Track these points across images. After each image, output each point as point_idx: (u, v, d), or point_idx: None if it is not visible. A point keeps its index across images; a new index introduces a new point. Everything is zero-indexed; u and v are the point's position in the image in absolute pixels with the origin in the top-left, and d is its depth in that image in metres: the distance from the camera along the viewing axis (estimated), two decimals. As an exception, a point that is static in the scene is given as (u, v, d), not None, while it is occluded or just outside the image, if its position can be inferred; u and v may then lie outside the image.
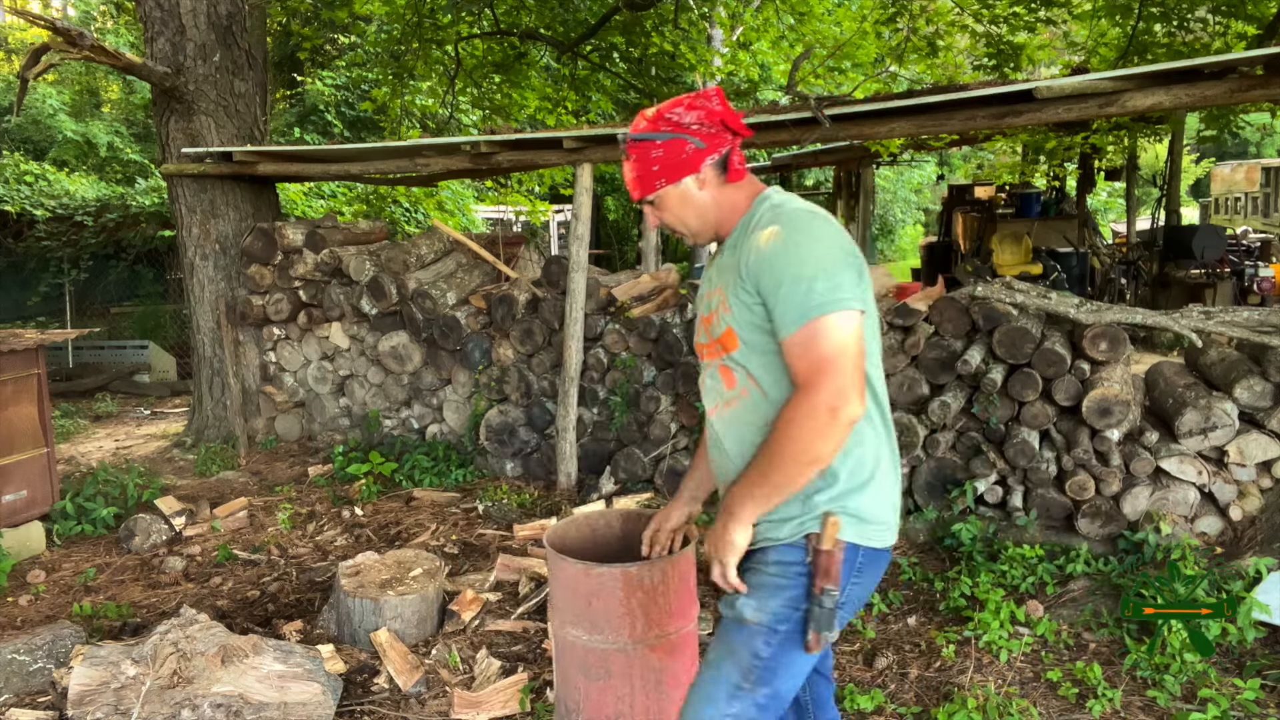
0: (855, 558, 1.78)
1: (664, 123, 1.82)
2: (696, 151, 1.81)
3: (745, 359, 1.81)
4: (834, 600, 1.72)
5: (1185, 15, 7.93)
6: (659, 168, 1.83)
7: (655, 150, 1.82)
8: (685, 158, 1.81)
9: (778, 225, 1.74)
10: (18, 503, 4.70)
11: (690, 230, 1.91)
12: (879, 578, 1.88)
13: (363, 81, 13.30)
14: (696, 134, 1.81)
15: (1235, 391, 4.08)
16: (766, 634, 1.77)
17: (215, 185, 6.47)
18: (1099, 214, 17.45)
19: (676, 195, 1.85)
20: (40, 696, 3.18)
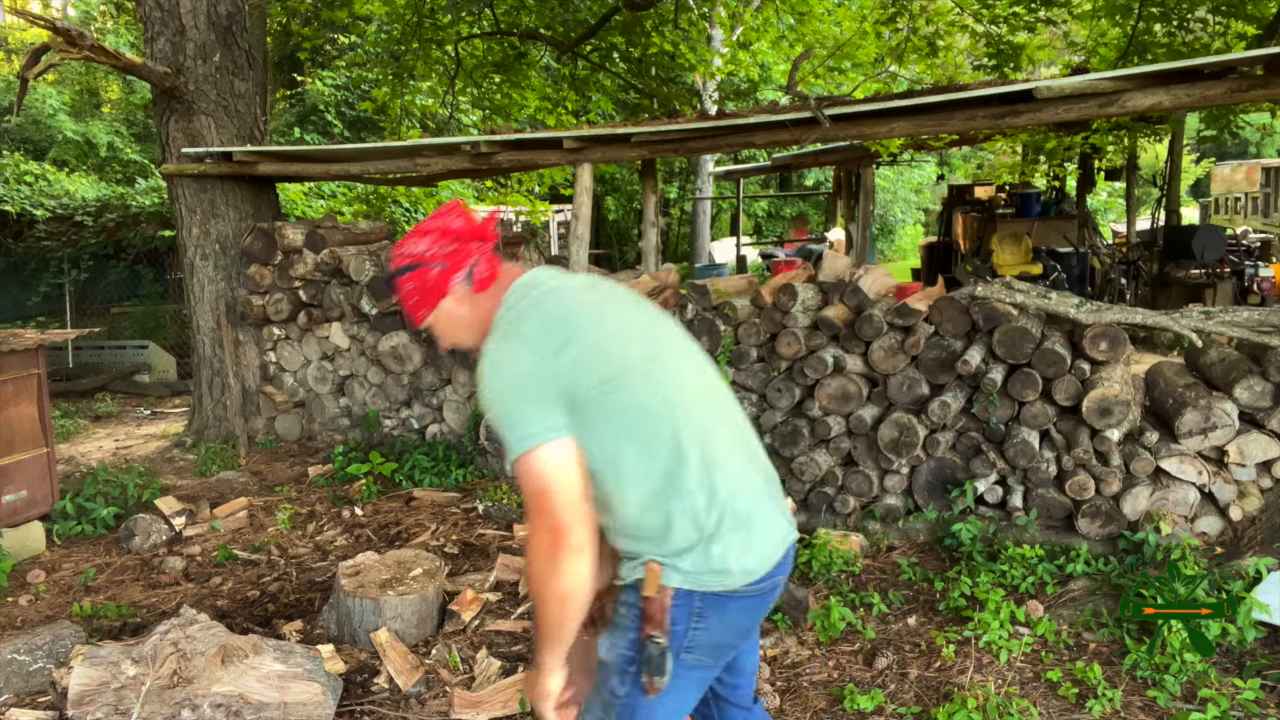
0: (691, 603, 1.75)
1: (406, 257, 1.90)
2: (441, 274, 1.87)
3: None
4: (659, 648, 1.73)
5: (1185, 15, 7.93)
6: (417, 299, 1.90)
7: (408, 284, 1.89)
8: (432, 284, 1.87)
9: (493, 346, 1.78)
10: (18, 503, 4.70)
11: (470, 345, 1.94)
12: (745, 619, 1.83)
13: (363, 81, 13.30)
14: (435, 258, 1.87)
15: (1235, 391, 4.08)
16: (619, 673, 1.81)
17: (215, 185, 6.47)
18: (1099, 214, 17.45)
19: (442, 319, 1.91)
20: (40, 696, 3.18)
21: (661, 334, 1.88)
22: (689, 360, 1.89)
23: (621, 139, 5.18)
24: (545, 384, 1.70)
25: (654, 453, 1.73)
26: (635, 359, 1.76)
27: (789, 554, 1.89)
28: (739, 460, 1.83)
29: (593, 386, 1.71)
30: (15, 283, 10.99)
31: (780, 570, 1.86)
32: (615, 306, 1.86)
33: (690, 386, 1.82)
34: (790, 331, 4.67)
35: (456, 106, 10.86)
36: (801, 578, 4.00)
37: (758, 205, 21.70)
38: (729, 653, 1.89)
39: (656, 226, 6.17)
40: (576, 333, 1.74)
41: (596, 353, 1.73)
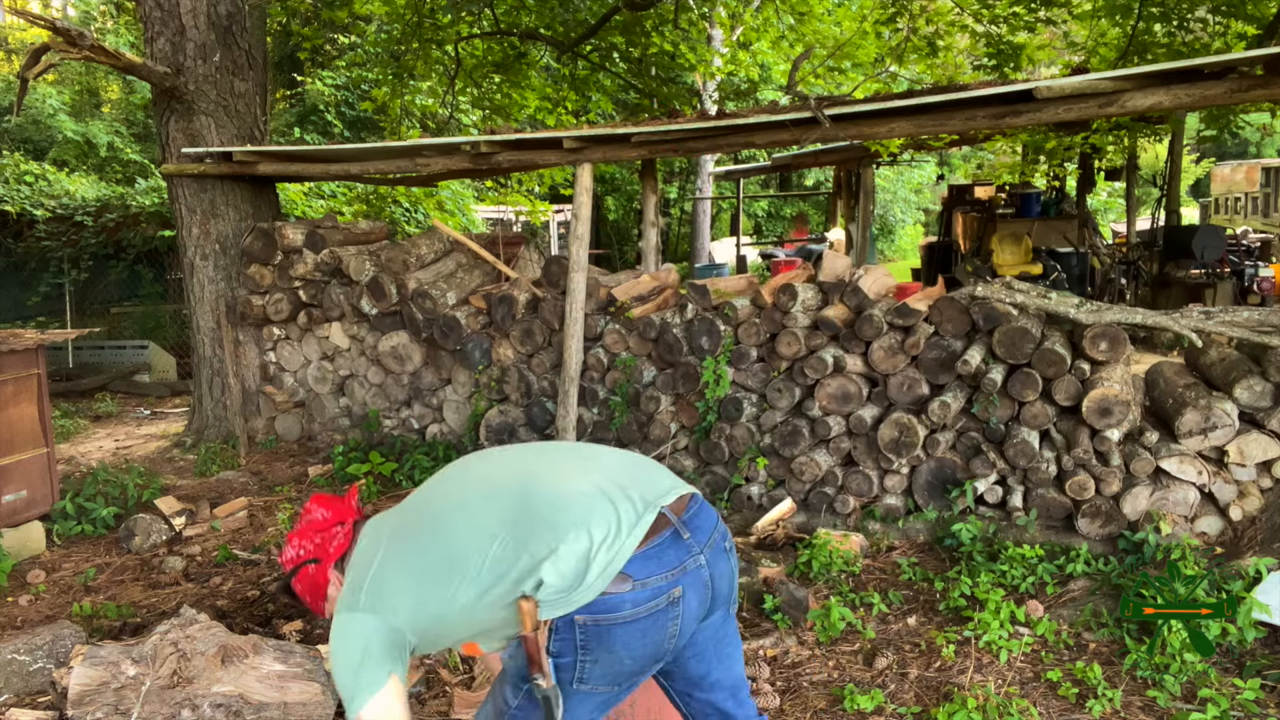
0: (573, 634, 1.76)
1: (286, 565, 2.08)
2: (318, 569, 2.03)
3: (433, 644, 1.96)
4: (541, 691, 1.76)
5: (1185, 15, 7.93)
6: (309, 596, 2.06)
7: (298, 586, 2.06)
8: (314, 578, 2.04)
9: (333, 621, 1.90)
10: (18, 503, 4.70)
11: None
12: (634, 645, 1.79)
13: (363, 81, 13.30)
14: (306, 555, 2.04)
15: (1235, 391, 4.08)
16: (513, 685, 1.85)
17: (215, 185, 6.47)
18: (1099, 214, 17.45)
19: (335, 605, 1.97)
20: (40, 696, 3.18)
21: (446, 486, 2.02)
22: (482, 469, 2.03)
23: (621, 139, 5.18)
24: (360, 644, 1.81)
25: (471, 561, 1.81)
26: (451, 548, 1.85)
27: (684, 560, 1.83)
28: (570, 484, 1.87)
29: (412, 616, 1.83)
30: (15, 283, 10.99)
31: (679, 581, 1.81)
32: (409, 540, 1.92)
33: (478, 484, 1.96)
34: (790, 331, 4.67)
35: (456, 106, 10.86)
36: (801, 578, 4.00)
37: (758, 205, 21.70)
38: (637, 678, 1.86)
39: (656, 226, 6.18)
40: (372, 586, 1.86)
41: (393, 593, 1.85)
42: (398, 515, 2.01)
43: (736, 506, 4.82)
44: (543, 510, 1.81)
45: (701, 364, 4.86)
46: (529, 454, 2.10)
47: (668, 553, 1.81)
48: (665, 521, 1.84)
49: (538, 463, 2.00)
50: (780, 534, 4.44)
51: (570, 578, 1.73)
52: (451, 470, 2.09)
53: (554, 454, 2.10)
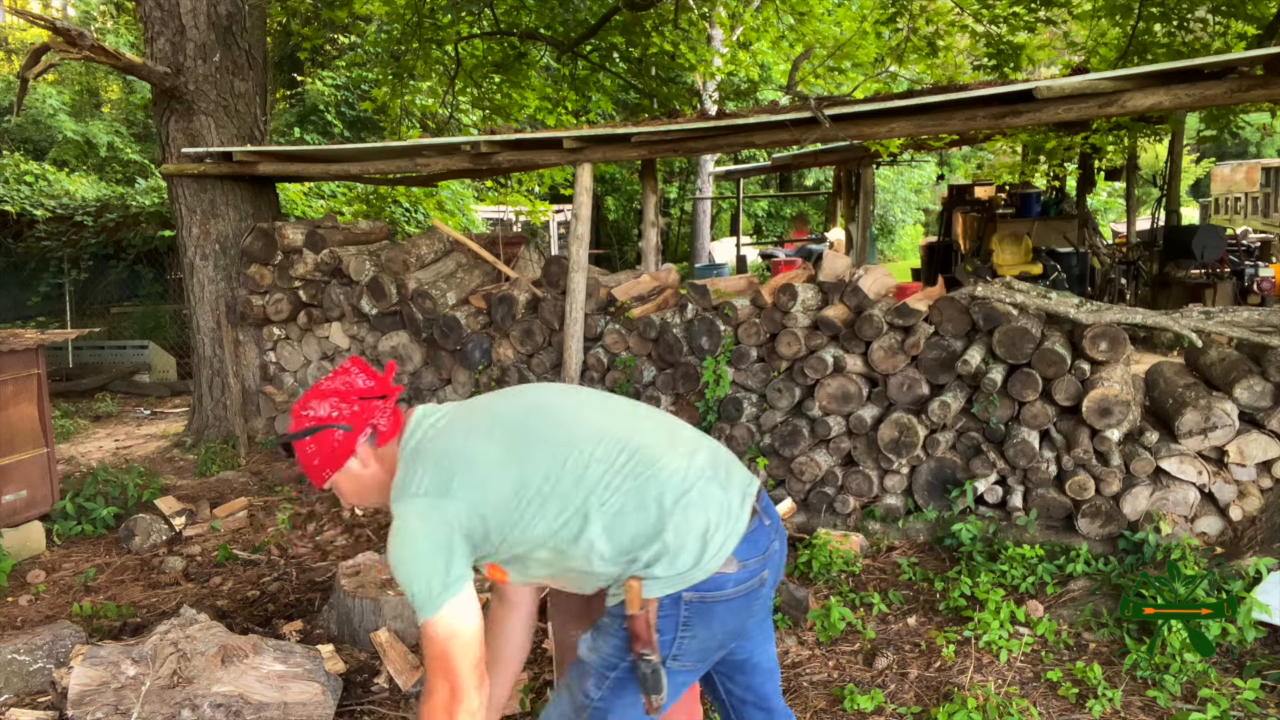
0: (677, 612, 1.78)
1: (306, 420, 1.89)
2: (346, 436, 1.87)
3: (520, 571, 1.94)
4: (651, 665, 1.76)
5: (1185, 15, 7.93)
6: (319, 461, 1.89)
7: (309, 446, 1.88)
8: (337, 446, 1.88)
9: (394, 512, 1.82)
10: (18, 503, 4.70)
11: (364, 500, 1.96)
12: (733, 621, 1.86)
13: (363, 81, 13.30)
14: (339, 420, 1.87)
15: (1235, 391, 4.08)
16: (597, 676, 1.83)
17: (215, 185, 6.47)
18: (1099, 214, 17.45)
19: (347, 480, 1.91)
20: (40, 696, 3.18)
21: (543, 403, 1.96)
22: (581, 408, 1.97)
23: (621, 139, 5.18)
24: (448, 534, 1.77)
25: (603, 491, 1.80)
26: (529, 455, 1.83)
27: (769, 545, 1.90)
28: (676, 461, 1.86)
29: (503, 507, 1.79)
30: (15, 283, 10.99)
31: (766, 565, 1.88)
32: (486, 418, 1.90)
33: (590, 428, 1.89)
34: (790, 331, 4.67)
35: (456, 106, 10.86)
36: (801, 578, 4.00)
37: (758, 205, 21.70)
38: (717, 655, 1.91)
39: (656, 226, 6.18)
40: (465, 470, 1.80)
41: (490, 478, 1.80)
42: (470, 415, 1.93)
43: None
44: (663, 477, 1.82)
45: (701, 364, 4.86)
46: (611, 406, 2.01)
47: (759, 537, 1.89)
48: (754, 507, 1.92)
49: (630, 422, 1.94)
50: (780, 534, 4.44)
51: (689, 557, 1.77)
52: (530, 394, 2.02)
53: (635, 414, 2.01)
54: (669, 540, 1.77)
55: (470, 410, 1.94)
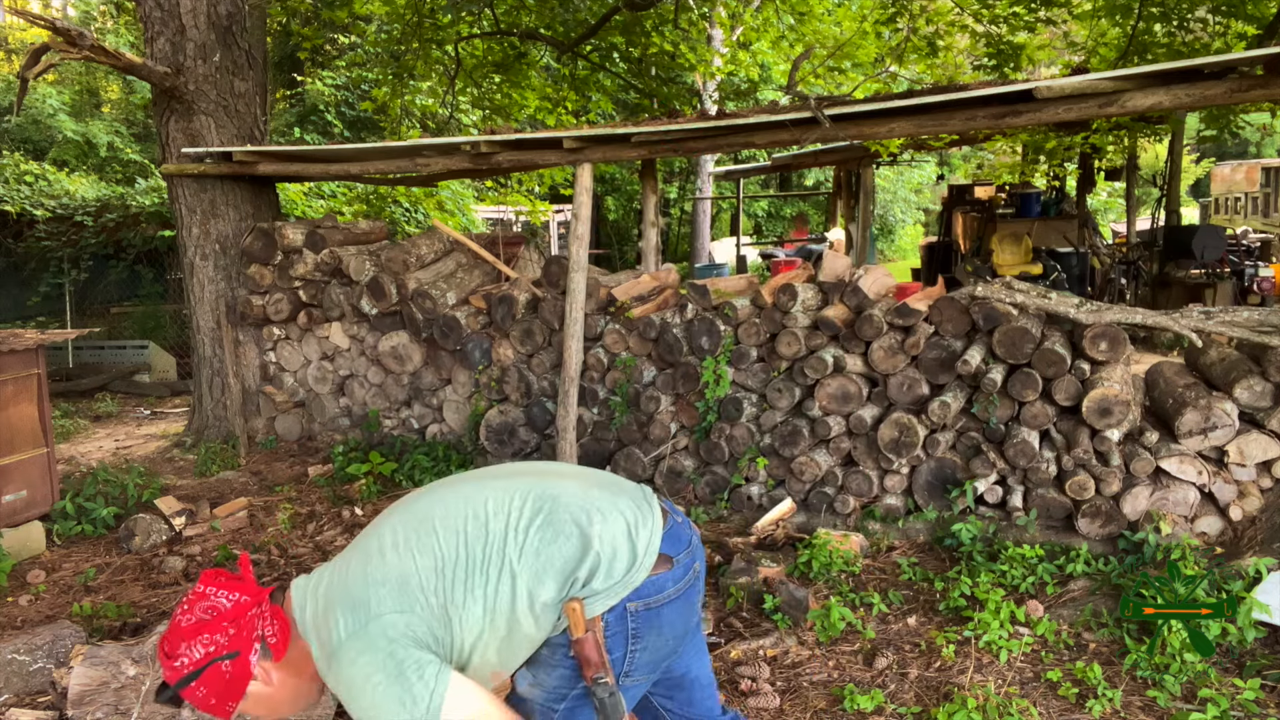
0: (626, 625, 1.73)
1: (182, 668, 1.66)
2: (235, 664, 1.67)
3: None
4: (609, 689, 1.69)
5: (1185, 15, 7.93)
6: (216, 699, 1.68)
7: (198, 691, 1.67)
8: (230, 678, 1.67)
9: (334, 678, 1.66)
10: (18, 503, 4.70)
11: (295, 709, 1.80)
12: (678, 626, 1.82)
13: (363, 81, 13.31)
14: (219, 651, 1.66)
15: (1235, 391, 4.08)
16: (543, 712, 1.76)
17: (215, 185, 6.47)
18: (1099, 214, 17.45)
19: (256, 704, 1.73)
20: (40, 696, 3.18)
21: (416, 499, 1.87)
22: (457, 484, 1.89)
23: (621, 139, 5.18)
24: (390, 649, 1.62)
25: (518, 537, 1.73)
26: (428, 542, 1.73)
27: (689, 538, 1.89)
28: (570, 485, 1.83)
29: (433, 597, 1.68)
30: (15, 283, 10.99)
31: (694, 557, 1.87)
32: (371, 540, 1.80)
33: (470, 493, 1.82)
34: (790, 331, 4.67)
35: (456, 106, 10.86)
36: (801, 578, 4.00)
37: (758, 205, 21.70)
38: (666, 661, 1.88)
39: (656, 226, 6.18)
40: (376, 589, 1.68)
41: (405, 578, 1.69)
42: (351, 551, 1.82)
43: (736, 506, 4.82)
44: (565, 502, 1.77)
45: (701, 364, 4.86)
46: (499, 472, 1.96)
47: (678, 532, 1.87)
48: (661, 508, 1.90)
49: (511, 477, 1.89)
50: (780, 534, 4.44)
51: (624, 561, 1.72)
52: (403, 501, 1.91)
53: (520, 471, 1.97)
54: (600, 550, 1.72)
55: (351, 550, 1.82)
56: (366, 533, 1.84)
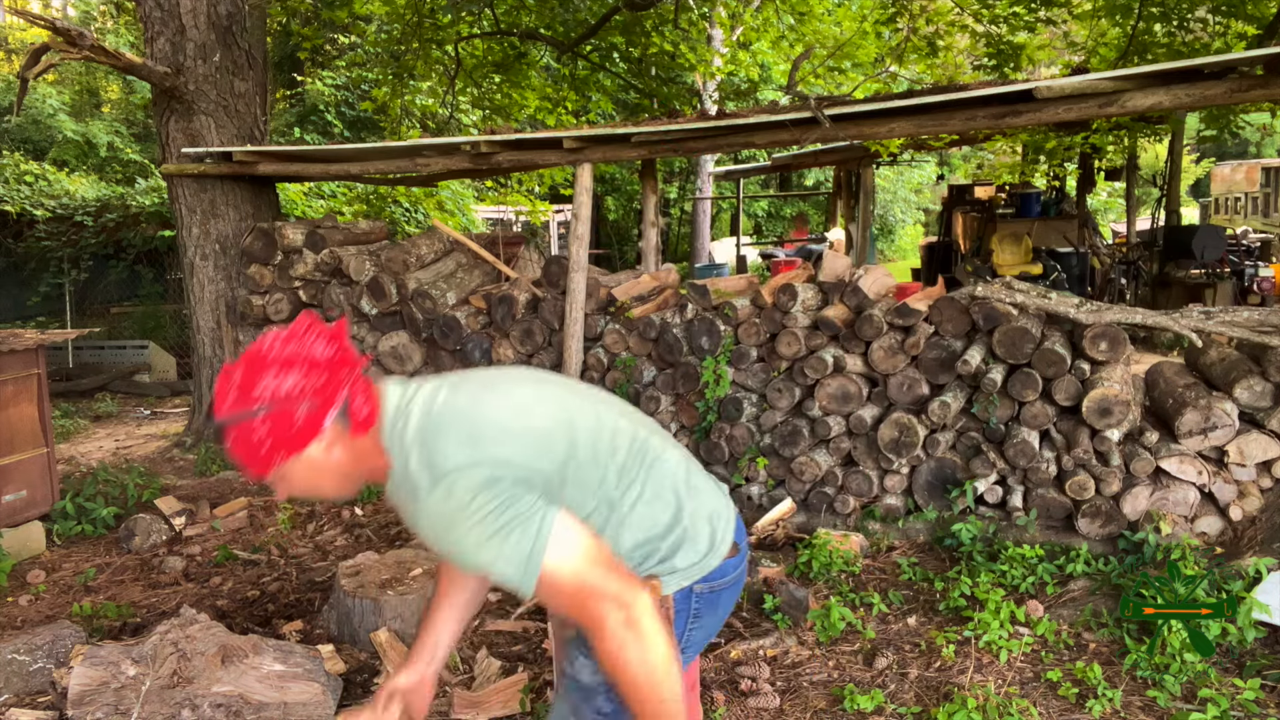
0: (689, 605, 1.72)
1: (260, 396, 1.52)
2: (310, 415, 1.53)
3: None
4: None
5: (1185, 15, 7.94)
6: (271, 444, 1.53)
7: (258, 428, 1.53)
8: (299, 427, 1.53)
9: (424, 505, 1.51)
10: (18, 503, 4.70)
11: (324, 494, 1.65)
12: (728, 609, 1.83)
13: (363, 81, 13.31)
14: (303, 395, 1.52)
15: (1235, 391, 4.08)
16: (606, 691, 1.68)
17: (215, 185, 6.47)
18: (1099, 214, 17.46)
19: (301, 468, 1.57)
20: (40, 696, 3.18)
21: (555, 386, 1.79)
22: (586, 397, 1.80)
23: (621, 139, 5.18)
24: (513, 464, 1.54)
25: (626, 476, 1.67)
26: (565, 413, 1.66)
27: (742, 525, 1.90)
28: (671, 450, 1.79)
29: (553, 466, 1.59)
30: (15, 283, 10.99)
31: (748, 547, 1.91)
32: (508, 386, 1.70)
33: (606, 415, 1.74)
34: (790, 331, 4.67)
35: (456, 106, 10.86)
36: (801, 578, 4.00)
37: (758, 205, 21.70)
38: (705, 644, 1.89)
39: (656, 226, 6.18)
40: (503, 431, 1.57)
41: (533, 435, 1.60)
42: (476, 379, 1.71)
43: (736, 506, 4.81)
44: (670, 469, 1.73)
45: (701, 364, 4.86)
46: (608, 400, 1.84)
47: (739, 520, 1.88)
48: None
49: (619, 409, 1.80)
50: (780, 534, 4.44)
51: (704, 543, 1.71)
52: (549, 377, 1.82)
53: (618, 403, 1.85)
54: (687, 526, 1.70)
55: (469, 383, 1.69)
56: (493, 377, 1.74)
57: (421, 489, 1.51)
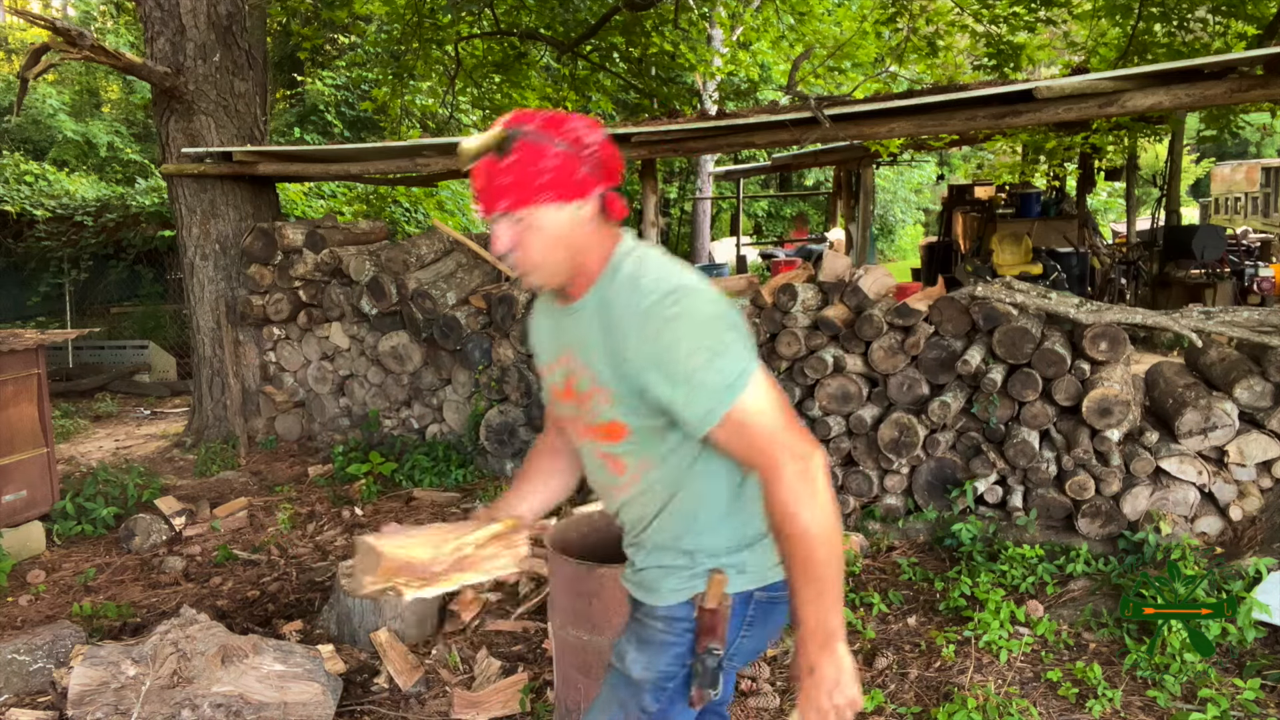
0: (745, 610, 1.66)
1: (565, 132, 1.51)
2: (588, 177, 1.53)
3: (639, 448, 1.62)
4: (717, 659, 1.62)
5: (1185, 15, 7.94)
6: (549, 178, 1.49)
7: (550, 158, 1.49)
8: (579, 179, 1.52)
9: (648, 305, 1.49)
10: (18, 503, 4.70)
11: (545, 267, 1.57)
12: (776, 631, 1.77)
13: (363, 81, 13.31)
14: (590, 159, 1.53)
15: (1235, 391, 4.08)
16: (654, 690, 1.68)
17: (215, 185, 6.47)
18: (1099, 214, 17.45)
19: (553, 220, 1.52)
20: (40, 696, 3.18)
21: None
22: None
23: (621, 139, 5.18)
24: (734, 317, 1.56)
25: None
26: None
27: None
28: None
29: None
30: (15, 283, 10.99)
31: None
32: None
33: None
34: (790, 331, 4.67)
35: (456, 106, 10.87)
36: (801, 578, 3.99)
37: (758, 205, 21.70)
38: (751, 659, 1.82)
39: (656, 226, 6.18)
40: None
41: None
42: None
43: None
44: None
45: (701, 364, 4.85)
46: None
47: None
48: None
49: None
50: (780, 534, 4.44)
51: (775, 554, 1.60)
52: None
53: None
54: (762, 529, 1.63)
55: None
56: None
57: (648, 295, 1.50)
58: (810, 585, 1.48)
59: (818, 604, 1.48)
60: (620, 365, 1.53)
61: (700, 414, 1.48)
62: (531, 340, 1.82)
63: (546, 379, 1.77)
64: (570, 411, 1.69)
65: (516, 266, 1.58)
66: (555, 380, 1.71)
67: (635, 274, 1.55)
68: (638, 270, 1.55)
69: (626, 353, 1.51)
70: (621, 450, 1.62)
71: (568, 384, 1.67)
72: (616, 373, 1.54)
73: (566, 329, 1.65)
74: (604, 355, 1.56)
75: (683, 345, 1.46)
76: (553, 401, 1.78)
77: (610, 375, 1.56)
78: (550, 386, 1.75)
